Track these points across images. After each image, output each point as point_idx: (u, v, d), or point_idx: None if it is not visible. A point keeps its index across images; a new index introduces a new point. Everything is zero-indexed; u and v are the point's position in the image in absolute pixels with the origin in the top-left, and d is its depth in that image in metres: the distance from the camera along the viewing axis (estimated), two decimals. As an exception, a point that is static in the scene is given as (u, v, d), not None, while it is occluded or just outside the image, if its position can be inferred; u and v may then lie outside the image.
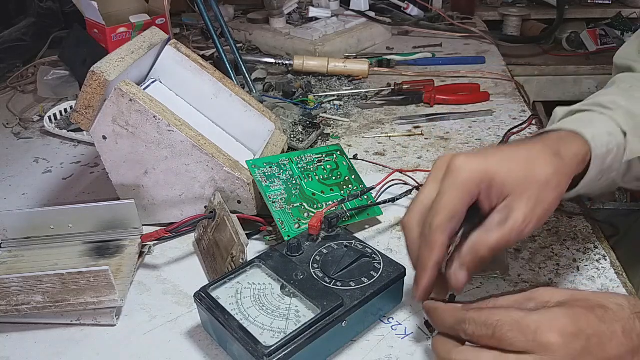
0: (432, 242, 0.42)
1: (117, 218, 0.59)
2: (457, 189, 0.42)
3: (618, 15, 1.68)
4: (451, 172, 0.43)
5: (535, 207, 0.42)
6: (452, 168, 0.43)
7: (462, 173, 0.42)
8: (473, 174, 0.42)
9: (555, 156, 0.45)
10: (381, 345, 0.48)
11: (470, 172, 0.42)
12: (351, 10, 1.26)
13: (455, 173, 0.43)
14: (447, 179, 0.43)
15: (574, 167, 0.46)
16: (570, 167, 0.46)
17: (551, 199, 0.43)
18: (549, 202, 0.43)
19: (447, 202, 0.42)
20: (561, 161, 0.45)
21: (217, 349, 0.48)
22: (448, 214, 0.42)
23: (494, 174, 0.43)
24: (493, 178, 0.42)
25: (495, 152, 0.45)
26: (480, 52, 1.17)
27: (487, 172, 0.42)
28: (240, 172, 0.60)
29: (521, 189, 0.42)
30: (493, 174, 0.42)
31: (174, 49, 0.68)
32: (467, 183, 0.42)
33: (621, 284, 0.53)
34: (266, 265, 0.50)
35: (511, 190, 0.43)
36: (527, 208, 0.42)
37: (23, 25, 1.15)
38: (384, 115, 0.91)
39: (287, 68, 1.07)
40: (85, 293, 0.49)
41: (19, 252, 0.59)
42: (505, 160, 0.43)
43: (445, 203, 0.42)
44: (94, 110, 0.58)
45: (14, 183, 0.76)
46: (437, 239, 0.42)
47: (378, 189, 0.66)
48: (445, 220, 0.42)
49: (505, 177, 0.43)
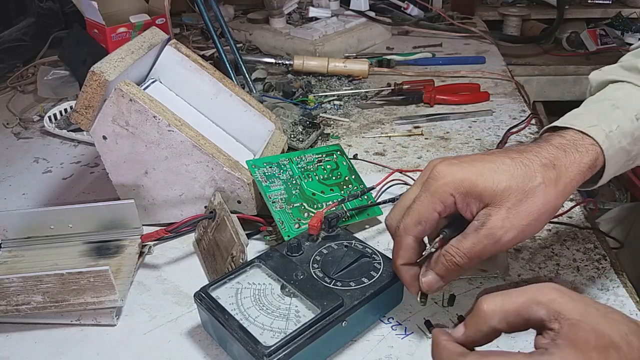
0: (398, 242, 0.46)
1: (117, 218, 0.59)
2: (430, 196, 0.44)
3: (618, 15, 1.68)
4: (430, 178, 0.44)
5: (515, 216, 0.42)
6: (432, 174, 0.44)
7: (438, 180, 0.44)
8: (448, 182, 0.43)
9: (546, 167, 0.44)
10: (381, 345, 0.48)
11: (445, 180, 0.44)
12: (351, 10, 1.26)
13: (432, 180, 0.44)
14: (425, 185, 0.45)
15: (576, 174, 0.45)
16: (568, 176, 0.44)
17: (534, 210, 0.43)
18: (532, 212, 0.43)
19: (417, 207, 0.44)
20: (554, 171, 0.44)
21: (217, 349, 0.48)
22: (416, 217, 0.44)
23: (472, 183, 0.43)
24: (470, 189, 0.43)
25: (481, 161, 0.44)
26: (480, 52, 1.17)
27: (463, 181, 0.43)
28: (240, 172, 0.60)
29: (500, 199, 0.43)
30: (471, 183, 0.43)
31: (174, 49, 0.68)
32: (439, 191, 0.44)
33: (621, 284, 0.53)
34: (266, 265, 0.50)
35: (490, 199, 0.43)
36: (504, 215, 0.42)
37: (23, 25, 1.15)
38: (384, 115, 0.91)
39: (287, 68, 1.07)
40: (85, 293, 0.49)
41: (19, 252, 0.59)
42: (487, 170, 0.43)
43: (415, 207, 0.45)
44: (94, 110, 0.58)
45: (14, 183, 0.76)
46: (401, 240, 0.45)
47: (378, 189, 0.66)
48: (412, 224, 0.44)
49: (485, 187, 0.43)
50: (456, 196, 0.43)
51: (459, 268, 0.44)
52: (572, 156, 0.45)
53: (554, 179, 0.44)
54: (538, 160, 0.44)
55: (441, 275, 0.44)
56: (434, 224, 0.45)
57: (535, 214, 0.43)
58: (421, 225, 0.44)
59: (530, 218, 0.43)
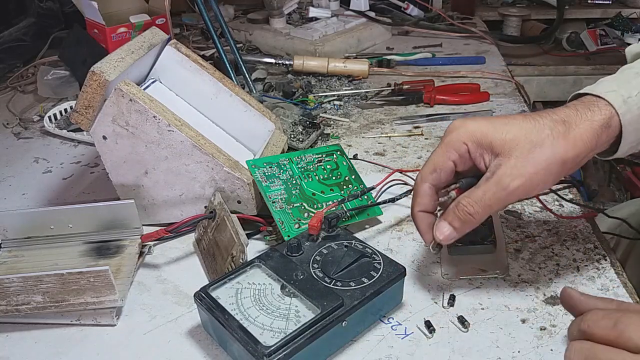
0: (415, 190, 0.50)
1: (117, 218, 0.59)
2: (445, 145, 0.48)
3: (618, 15, 1.69)
4: (446, 132, 0.49)
5: (523, 164, 0.44)
6: (448, 129, 0.49)
7: (452, 132, 0.48)
8: (461, 132, 0.47)
9: (556, 122, 0.45)
10: (381, 345, 0.48)
11: (458, 131, 0.47)
12: (351, 10, 1.26)
13: (448, 132, 0.48)
14: (442, 138, 0.49)
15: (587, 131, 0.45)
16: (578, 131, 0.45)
17: (543, 160, 0.44)
18: (541, 162, 0.44)
19: (433, 157, 0.49)
20: (563, 126, 0.45)
21: (217, 349, 0.48)
22: (431, 166, 0.48)
23: (483, 135, 0.46)
24: (481, 138, 0.46)
25: (496, 118, 0.48)
26: (480, 52, 1.17)
27: (475, 132, 0.46)
28: (240, 172, 0.60)
29: (510, 149, 0.45)
30: (482, 135, 0.46)
31: (174, 49, 0.68)
32: (452, 141, 0.47)
33: (621, 284, 0.53)
34: (266, 265, 0.50)
35: (500, 149, 0.45)
36: (513, 164, 0.44)
37: (23, 25, 1.15)
38: (384, 115, 0.91)
39: (287, 68, 1.07)
40: (85, 293, 0.49)
41: (19, 252, 0.59)
42: (500, 124, 0.46)
43: (431, 157, 0.49)
44: (94, 110, 0.58)
45: (14, 183, 0.76)
46: (418, 188, 0.49)
47: (378, 189, 0.66)
48: (427, 172, 0.49)
49: (494, 138, 0.46)
50: (469, 145, 0.46)
51: (471, 218, 0.46)
52: (583, 114, 0.46)
53: (563, 131, 0.45)
54: (549, 117, 0.46)
55: (454, 225, 0.47)
56: (449, 172, 0.48)
57: (543, 163, 0.44)
58: (436, 173, 0.48)
59: (538, 167, 0.44)
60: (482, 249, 0.56)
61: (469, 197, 0.46)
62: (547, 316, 0.50)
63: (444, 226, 0.47)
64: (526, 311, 0.51)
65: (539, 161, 0.44)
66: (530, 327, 0.49)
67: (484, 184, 0.45)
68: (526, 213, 0.64)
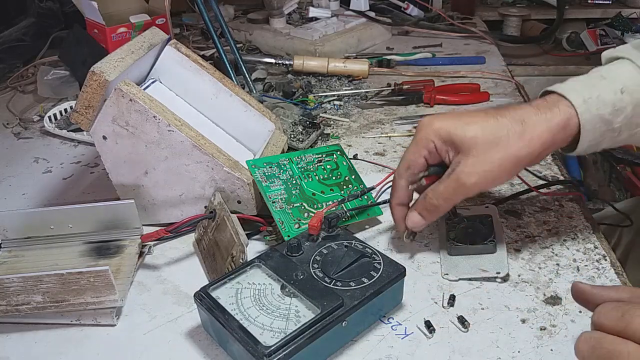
0: (393, 185, 0.56)
1: (117, 218, 0.59)
2: (415, 144, 0.53)
3: (618, 15, 1.69)
4: (417, 129, 0.53)
5: (478, 162, 0.49)
6: (418, 127, 0.53)
7: (422, 130, 0.52)
8: (428, 130, 0.52)
9: (514, 120, 0.49)
10: (381, 345, 0.48)
11: (426, 130, 0.52)
12: (351, 10, 1.26)
13: (417, 130, 0.53)
14: (414, 135, 0.53)
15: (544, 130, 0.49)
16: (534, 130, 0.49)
17: (497, 158, 0.49)
18: (495, 161, 0.49)
19: (406, 155, 0.54)
20: (521, 125, 0.49)
21: (217, 349, 0.48)
22: (405, 163, 0.54)
23: (447, 132, 0.51)
24: (445, 136, 0.51)
25: (460, 116, 0.52)
26: (480, 52, 1.17)
27: (440, 130, 0.51)
28: (240, 172, 0.60)
29: (469, 147, 0.49)
30: (446, 132, 0.51)
31: (174, 49, 0.68)
32: (422, 139, 0.52)
33: (621, 284, 0.53)
34: (266, 265, 0.50)
35: (461, 147, 0.50)
36: (470, 162, 0.49)
37: (23, 25, 1.15)
38: (384, 115, 0.91)
39: (287, 68, 1.07)
40: (85, 293, 0.49)
41: (19, 252, 0.59)
42: (462, 122, 0.50)
43: (405, 155, 0.54)
44: (94, 110, 0.58)
45: (14, 183, 0.76)
46: (396, 183, 0.55)
47: (378, 189, 0.66)
48: (403, 169, 0.54)
49: (456, 136, 0.50)
50: (435, 142, 0.51)
51: (436, 208, 0.52)
52: (543, 115, 0.50)
53: (519, 131, 0.49)
54: (509, 116, 0.50)
55: (422, 214, 0.53)
56: (422, 167, 0.53)
57: (497, 162, 0.49)
58: (410, 170, 0.54)
59: (492, 165, 0.49)
60: (482, 249, 0.56)
61: (434, 190, 0.52)
62: (547, 316, 0.50)
63: (414, 215, 0.54)
64: (526, 311, 0.51)
65: (493, 160, 0.49)
66: (530, 327, 0.49)
67: (445, 180, 0.51)
68: (526, 213, 0.64)
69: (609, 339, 0.35)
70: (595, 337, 0.36)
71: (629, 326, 0.35)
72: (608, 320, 0.36)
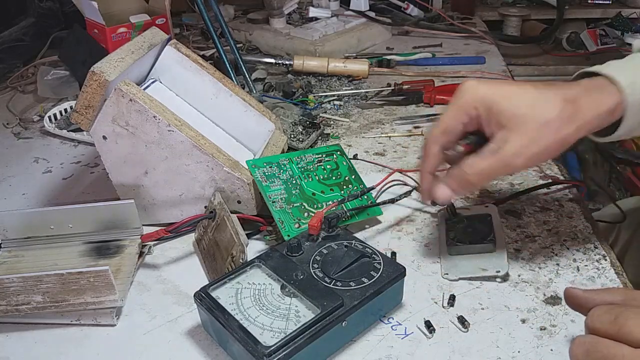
0: (425, 151, 0.51)
1: (117, 218, 0.59)
2: (455, 108, 0.48)
3: (618, 15, 1.69)
4: (458, 93, 0.48)
5: (528, 144, 0.46)
6: (460, 89, 0.48)
7: (465, 95, 0.48)
8: (473, 97, 0.47)
9: (566, 102, 0.46)
10: (381, 345, 0.48)
11: (471, 95, 0.47)
12: (351, 10, 1.26)
13: (459, 94, 0.48)
14: (453, 99, 0.49)
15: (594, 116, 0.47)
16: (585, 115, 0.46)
17: (547, 141, 0.46)
18: (544, 143, 0.46)
19: (443, 118, 0.49)
20: (572, 108, 0.46)
21: (217, 349, 0.48)
22: (441, 128, 0.49)
23: (494, 102, 0.46)
24: (492, 106, 0.46)
25: (509, 85, 0.48)
26: (480, 52, 1.17)
27: (486, 99, 0.47)
28: (240, 172, 0.60)
29: (517, 124, 0.46)
30: (493, 102, 0.46)
31: (174, 49, 0.68)
32: (464, 104, 0.48)
33: (621, 284, 0.53)
34: (266, 265, 0.50)
35: (507, 122, 0.46)
36: (519, 143, 0.46)
37: (23, 25, 1.15)
38: (384, 115, 0.91)
39: (287, 68, 1.07)
40: (85, 293, 0.49)
41: (19, 252, 0.59)
42: (511, 94, 0.47)
43: (442, 119, 0.49)
44: (94, 110, 0.58)
45: (14, 183, 0.76)
46: (428, 148, 0.50)
47: (378, 189, 0.66)
48: (438, 133, 0.49)
49: (504, 109, 0.46)
50: (480, 109, 0.47)
51: (471, 185, 0.48)
52: (594, 96, 0.47)
53: (571, 115, 0.46)
54: (562, 95, 0.46)
55: (454, 188, 0.49)
56: (459, 134, 0.49)
57: (545, 144, 0.46)
58: (446, 135, 0.49)
59: (540, 147, 0.46)
60: (482, 248, 0.56)
61: (472, 166, 0.47)
62: (547, 316, 0.50)
63: (444, 189, 0.50)
64: (526, 311, 0.51)
65: (544, 143, 0.46)
66: (530, 327, 0.49)
67: (489, 157, 0.47)
68: (526, 213, 0.64)
69: (603, 342, 0.35)
70: (589, 341, 0.36)
71: (622, 329, 0.35)
72: (601, 324, 0.36)
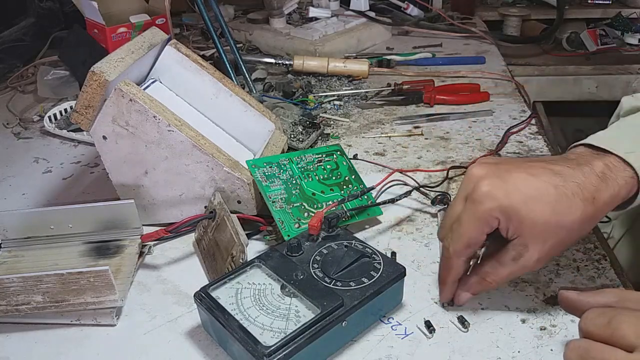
0: (450, 265, 0.49)
1: (117, 218, 0.59)
2: (476, 220, 0.46)
3: (618, 15, 1.68)
4: (474, 200, 0.45)
5: (550, 249, 0.46)
6: (475, 195, 0.45)
7: (484, 205, 0.45)
8: (494, 208, 0.45)
9: (586, 202, 0.45)
10: (381, 345, 0.48)
11: (491, 205, 0.45)
12: (351, 10, 1.26)
13: (477, 203, 0.45)
14: (469, 207, 0.46)
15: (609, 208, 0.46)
16: (602, 211, 0.46)
17: (568, 243, 0.47)
18: (565, 245, 0.47)
19: (465, 231, 0.46)
20: (592, 207, 0.45)
21: (217, 349, 0.48)
22: (465, 242, 0.47)
23: (515, 210, 0.44)
24: (513, 214, 0.44)
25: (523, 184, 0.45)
26: (480, 52, 1.17)
27: (507, 208, 0.44)
28: (240, 172, 0.60)
29: (539, 231, 0.45)
30: (514, 210, 0.44)
31: (174, 49, 0.68)
32: (485, 215, 0.45)
33: (621, 284, 0.53)
34: (266, 265, 0.50)
35: (529, 230, 0.45)
36: (542, 250, 0.45)
37: (23, 25, 1.15)
38: (384, 115, 0.91)
39: (287, 68, 1.07)
40: (85, 293, 0.49)
41: (19, 252, 0.59)
42: (530, 199, 0.44)
43: (463, 231, 0.46)
44: (94, 110, 0.58)
45: (14, 183, 0.76)
46: (454, 263, 0.48)
47: (378, 189, 0.66)
48: (462, 247, 0.47)
49: (524, 217, 0.44)
50: (500, 219, 0.45)
51: (492, 288, 0.49)
52: (612, 189, 0.46)
53: (591, 216, 0.45)
54: (581, 195, 0.45)
55: (474, 293, 0.50)
56: (480, 244, 0.48)
57: (564, 245, 0.47)
58: (470, 248, 0.47)
59: (559, 249, 0.47)
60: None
61: (494, 274, 0.48)
62: (547, 316, 0.50)
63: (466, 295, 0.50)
64: (526, 311, 0.50)
65: (565, 247, 0.48)
66: (530, 327, 0.49)
67: (510, 265, 0.47)
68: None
69: (596, 347, 0.35)
70: (583, 345, 0.36)
71: (616, 332, 0.35)
72: (595, 327, 0.36)
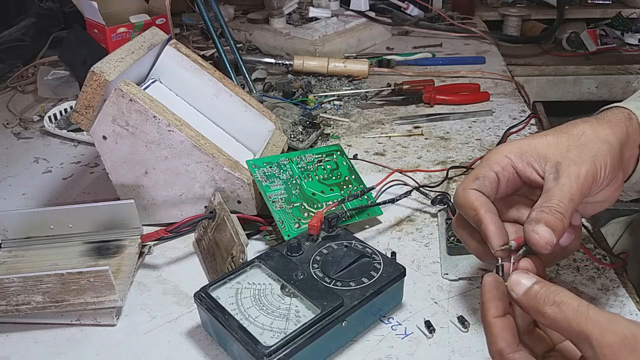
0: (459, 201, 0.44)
1: (117, 218, 0.59)
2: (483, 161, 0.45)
3: (618, 15, 1.68)
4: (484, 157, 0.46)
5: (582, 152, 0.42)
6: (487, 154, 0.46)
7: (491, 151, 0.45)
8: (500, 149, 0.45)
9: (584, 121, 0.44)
10: (381, 345, 0.48)
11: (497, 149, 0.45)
12: (351, 10, 1.26)
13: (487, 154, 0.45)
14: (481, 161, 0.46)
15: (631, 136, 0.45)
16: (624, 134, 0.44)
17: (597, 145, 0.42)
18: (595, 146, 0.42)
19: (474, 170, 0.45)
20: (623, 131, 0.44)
21: (217, 349, 0.48)
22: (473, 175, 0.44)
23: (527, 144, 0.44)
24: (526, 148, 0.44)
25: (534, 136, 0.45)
26: (480, 52, 1.17)
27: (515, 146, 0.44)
28: (240, 172, 0.60)
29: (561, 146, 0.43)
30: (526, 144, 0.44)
31: (174, 49, 0.68)
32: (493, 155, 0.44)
33: (621, 284, 0.53)
34: (266, 265, 0.50)
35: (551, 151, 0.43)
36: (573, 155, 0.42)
37: (23, 25, 1.15)
38: (384, 115, 0.91)
39: (287, 68, 1.07)
40: (85, 293, 0.49)
41: (19, 252, 0.59)
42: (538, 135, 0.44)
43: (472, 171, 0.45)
44: (94, 110, 0.58)
45: (14, 183, 0.76)
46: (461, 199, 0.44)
47: (378, 189, 0.66)
48: (470, 180, 0.44)
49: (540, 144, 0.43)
50: (512, 157, 0.44)
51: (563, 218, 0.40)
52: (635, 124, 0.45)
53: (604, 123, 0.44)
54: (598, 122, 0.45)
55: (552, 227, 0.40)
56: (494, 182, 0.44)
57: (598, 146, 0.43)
58: (479, 180, 0.44)
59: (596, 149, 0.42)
60: (482, 249, 0.56)
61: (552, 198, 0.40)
62: (547, 316, 0.50)
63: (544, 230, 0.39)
64: (526, 311, 0.50)
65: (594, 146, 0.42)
66: (530, 327, 0.49)
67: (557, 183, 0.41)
68: (526, 213, 0.64)
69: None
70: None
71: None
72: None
